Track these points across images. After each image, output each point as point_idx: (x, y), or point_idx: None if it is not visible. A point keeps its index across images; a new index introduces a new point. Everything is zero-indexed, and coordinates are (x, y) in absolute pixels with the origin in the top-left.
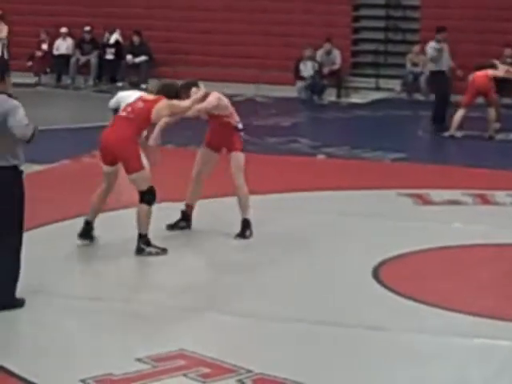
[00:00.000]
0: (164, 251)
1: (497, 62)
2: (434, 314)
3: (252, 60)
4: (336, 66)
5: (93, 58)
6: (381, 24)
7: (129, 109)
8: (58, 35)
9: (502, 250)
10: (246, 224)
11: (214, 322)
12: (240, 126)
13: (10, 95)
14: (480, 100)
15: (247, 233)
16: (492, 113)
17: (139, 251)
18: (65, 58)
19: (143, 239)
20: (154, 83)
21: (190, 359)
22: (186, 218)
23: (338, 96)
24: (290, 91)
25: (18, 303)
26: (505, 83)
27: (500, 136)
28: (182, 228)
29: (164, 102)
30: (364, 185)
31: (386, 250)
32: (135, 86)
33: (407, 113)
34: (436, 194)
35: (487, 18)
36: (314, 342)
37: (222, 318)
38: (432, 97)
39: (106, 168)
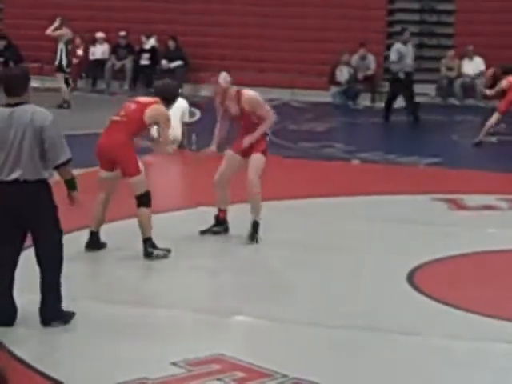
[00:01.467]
0: (169, 252)
1: None
2: (468, 320)
3: (287, 65)
4: (370, 72)
5: (128, 63)
6: (415, 29)
7: (122, 112)
8: (94, 40)
9: None
10: (255, 226)
11: (247, 327)
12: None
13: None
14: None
15: (256, 236)
16: None
17: (148, 255)
18: (100, 63)
19: (149, 242)
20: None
21: (226, 363)
22: (219, 223)
23: (373, 101)
24: (325, 96)
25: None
26: None
27: None
28: (216, 233)
29: (162, 111)
30: (398, 190)
31: (420, 255)
32: None
33: (442, 117)
34: (470, 199)
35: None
36: (347, 347)
37: (254, 322)
38: (467, 102)
39: (104, 174)
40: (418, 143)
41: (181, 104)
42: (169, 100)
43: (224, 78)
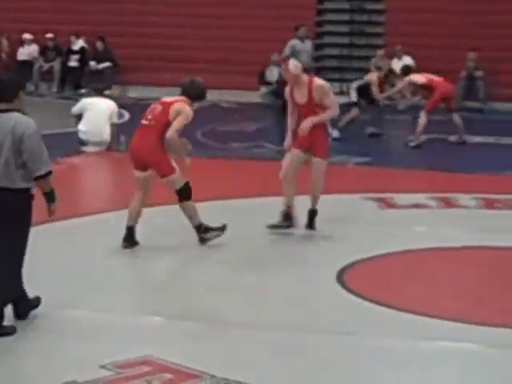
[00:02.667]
0: (224, 228)
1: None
2: (400, 318)
3: (216, 65)
4: None
5: (56, 65)
6: (345, 29)
7: (149, 116)
8: (21, 42)
9: (466, 252)
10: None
11: (177, 328)
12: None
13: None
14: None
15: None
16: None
17: (203, 240)
18: (28, 65)
19: (201, 229)
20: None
21: (155, 365)
22: (288, 218)
23: None
24: (254, 96)
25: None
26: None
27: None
28: (286, 227)
29: (185, 108)
30: (328, 189)
31: (349, 254)
32: (98, 92)
33: (371, 117)
34: (400, 198)
35: (450, 23)
36: (280, 349)
37: (183, 323)
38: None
39: (138, 173)
40: (347, 142)
41: (109, 105)
42: (194, 98)
43: (295, 65)
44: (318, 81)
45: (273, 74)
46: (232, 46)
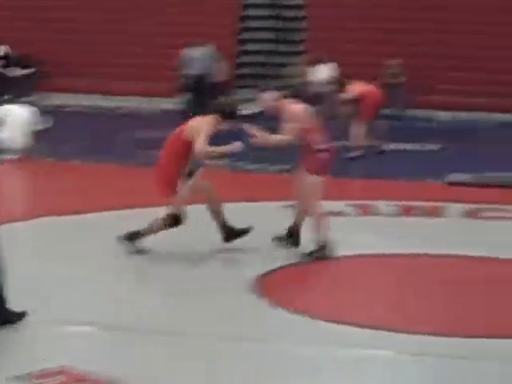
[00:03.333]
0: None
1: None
2: (314, 326)
3: (137, 71)
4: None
5: None
6: (268, 35)
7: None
8: None
9: (384, 260)
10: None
11: (92, 337)
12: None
13: None
14: None
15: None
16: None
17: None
18: None
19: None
20: None
21: (70, 375)
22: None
23: None
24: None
25: None
26: None
27: (383, 147)
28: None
29: (203, 122)
30: (249, 197)
31: (265, 262)
32: (18, 98)
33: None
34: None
35: (372, 29)
36: (193, 356)
37: (98, 332)
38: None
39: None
40: (268, 150)
41: (28, 112)
42: (225, 116)
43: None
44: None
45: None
46: (153, 54)
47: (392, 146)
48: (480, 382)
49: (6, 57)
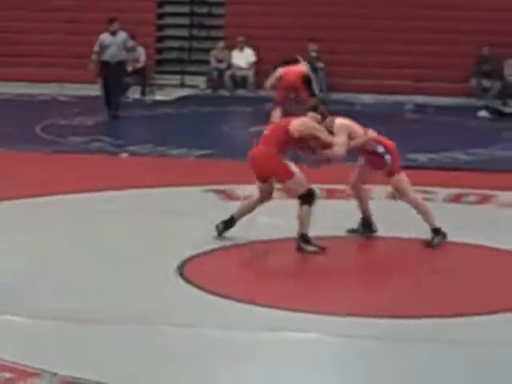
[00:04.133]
0: (323, 250)
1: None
2: (241, 309)
3: (55, 59)
4: (140, 64)
5: None
6: (185, 21)
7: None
8: None
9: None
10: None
11: (15, 326)
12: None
13: None
14: None
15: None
16: None
17: (300, 249)
18: None
19: (303, 238)
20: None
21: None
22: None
23: (143, 94)
24: (93, 90)
25: None
26: None
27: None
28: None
29: (308, 124)
30: (169, 182)
31: (191, 247)
32: None
33: (212, 109)
34: (242, 190)
35: (291, 14)
36: (120, 342)
37: (19, 320)
38: (238, 93)
39: (259, 184)
40: (188, 135)
41: None
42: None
43: None
44: None
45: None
46: (71, 41)
47: None
48: (405, 362)
49: None
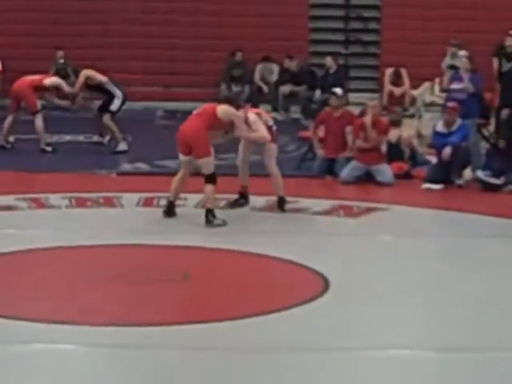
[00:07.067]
0: (224, 222)
1: None
2: None
3: None
4: None
5: None
6: None
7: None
8: None
9: (57, 253)
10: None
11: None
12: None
13: None
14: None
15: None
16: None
17: (209, 223)
18: None
19: (211, 212)
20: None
21: None
22: (243, 197)
23: None
24: None
25: None
26: None
27: (54, 139)
28: (241, 205)
29: (231, 109)
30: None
31: None
32: None
33: None
34: None
35: (39, 22)
36: None
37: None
38: None
39: (182, 157)
40: None
41: None
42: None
43: None
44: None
45: None
46: None
47: (55, 139)
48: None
49: None
